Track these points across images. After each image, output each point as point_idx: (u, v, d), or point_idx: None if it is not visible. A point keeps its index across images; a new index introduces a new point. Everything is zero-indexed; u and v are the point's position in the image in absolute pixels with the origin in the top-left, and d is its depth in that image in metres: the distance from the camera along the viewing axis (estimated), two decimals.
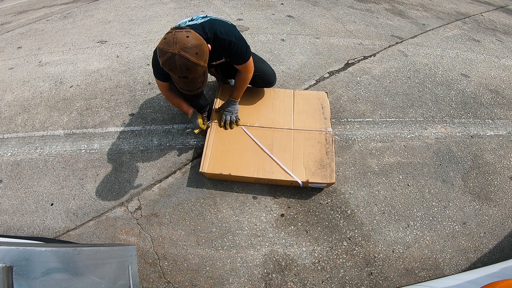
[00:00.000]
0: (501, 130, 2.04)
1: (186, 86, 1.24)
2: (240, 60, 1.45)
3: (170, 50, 1.11)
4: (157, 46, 1.18)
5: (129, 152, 1.86)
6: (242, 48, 1.40)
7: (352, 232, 1.54)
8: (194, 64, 1.14)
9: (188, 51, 1.12)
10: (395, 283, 1.40)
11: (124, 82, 2.32)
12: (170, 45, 1.12)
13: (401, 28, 2.97)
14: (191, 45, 1.12)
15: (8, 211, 1.64)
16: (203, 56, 1.17)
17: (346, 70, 2.40)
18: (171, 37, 1.13)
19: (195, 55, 1.13)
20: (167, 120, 2.02)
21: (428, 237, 1.54)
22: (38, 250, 0.79)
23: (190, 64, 1.13)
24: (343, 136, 1.93)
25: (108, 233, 1.55)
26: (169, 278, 1.41)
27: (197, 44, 1.14)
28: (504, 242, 1.53)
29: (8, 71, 2.55)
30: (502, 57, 2.70)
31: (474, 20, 3.29)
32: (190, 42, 1.13)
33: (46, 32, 3.13)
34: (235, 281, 1.40)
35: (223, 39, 1.33)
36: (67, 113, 2.11)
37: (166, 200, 1.65)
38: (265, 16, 3.08)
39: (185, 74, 1.16)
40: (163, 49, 1.14)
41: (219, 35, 1.32)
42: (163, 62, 1.15)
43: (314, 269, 1.43)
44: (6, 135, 2.01)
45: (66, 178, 1.76)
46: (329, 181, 1.52)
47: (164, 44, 1.14)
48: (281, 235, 1.53)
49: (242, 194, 1.66)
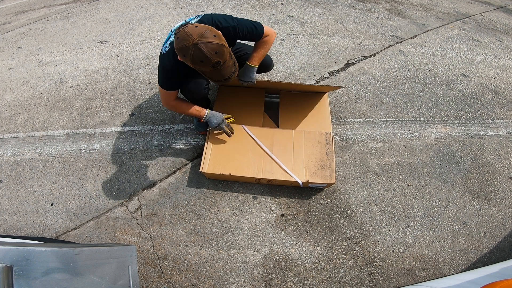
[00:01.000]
0: (501, 130, 2.04)
1: (221, 75, 1.20)
2: (255, 37, 1.42)
3: (190, 43, 1.09)
4: (175, 49, 1.15)
5: (129, 152, 1.86)
6: (248, 27, 1.37)
7: (352, 232, 1.54)
8: (219, 45, 1.12)
9: (207, 36, 1.10)
10: (395, 283, 1.40)
11: (124, 82, 2.32)
12: (187, 39, 1.10)
13: (401, 28, 2.97)
14: (205, 30, 1.11)
15: (8, 211, 1.64)
16: (221, 37, 1.16)
17: (346, 70, 2.40)
18: (182, 33, 1.11)
19: (214, 37, 1.12)
20: (167, 120, 2.02)
21: (428, 237, 1.53)
22: (38, 250, 0.79)
23: (216, 46, 1.11)
24: (343, 136, 1.93)
25: (108, 233, 1.55)
26: (169, 278, 1.41)
27: (209, 28, 1.14)
28: (504, 242, 1.53)
29: (8, 71, 2.55)
30: (502, 57, 2.70)
31: (474, 20, 3.28)
32: (203, 29, 1.12)
33: (46, 32, 3.13)
34: (235, 281, 1.40)
35: (225, 27, 1.32)
36: (67, 113, 2.11)
37: (166, 200, 1.65)
38: (265, 16, 3.08)
39: (217, 59, 1.13)
40: (183, 46, 1.11)
41: (220, 25, 1.32)
42: (192, 57, 1.12)
43: (314, 269, 1.43)
44: (6, 135, 2.01)
45: (66, 178, 1.76)
46: (329, 181, 1.52)
47: (180, 42, 1.12)
48: (281, 235, 1.53)
49: (242, 194, 1.66)
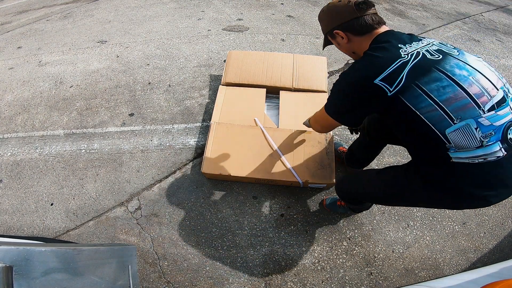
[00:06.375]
0: None
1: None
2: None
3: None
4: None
5: (129, 152, 1.86)
6: (332, 91, 1.00)
7: (352, 232, 1.54)
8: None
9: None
10: (395, 283, 1.40)
11: (124, 82, 2.32)
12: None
13: (401, 28, 2.97)
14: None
15: (8, 211, 1.64)
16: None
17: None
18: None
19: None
20: (167, 120, 2.02)
21: (428, 237, 1.53)
22: (38, 250, 0.79)
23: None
24: (343, 136, 1.93)
25: (108, 233, 1.55)
26: (169, 278, 1.41)
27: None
28: (504, 242, 1.53)
29: (8, 71, 2.55)
30: (502, 57, 2.70)
31: (474, 20, 3.28)
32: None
33: (46, 32, 3.13)
34: (235, 281, 1.40)
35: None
36: (67, 113, 2.11)
37: (166, 200, 1.65)
38: (265, 16, 3.09)
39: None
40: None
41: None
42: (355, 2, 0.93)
43: (314, 269, 1.43)
44: (6, 135, 2.00)
45: (66, 178, 1.76)
46: (329, 181, 1.52)
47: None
48: (281, 235, 1.53)
49: (242, 194, 1.66)
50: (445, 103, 0.77)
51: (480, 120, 0.76)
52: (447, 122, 0.77)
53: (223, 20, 3.04)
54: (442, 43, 0.89)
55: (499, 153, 0.77)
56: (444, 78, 0.78)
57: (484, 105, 0.77)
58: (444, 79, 0.78)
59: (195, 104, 2.12)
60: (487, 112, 0.76)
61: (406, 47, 0.84)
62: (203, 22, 3.03)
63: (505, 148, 0.77)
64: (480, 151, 0.77)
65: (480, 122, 0.76)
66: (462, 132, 0.77)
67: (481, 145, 0.77)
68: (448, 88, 0.77)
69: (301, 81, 1.93)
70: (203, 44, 2.69)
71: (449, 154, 0.79)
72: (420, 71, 0.79)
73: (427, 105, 0.78)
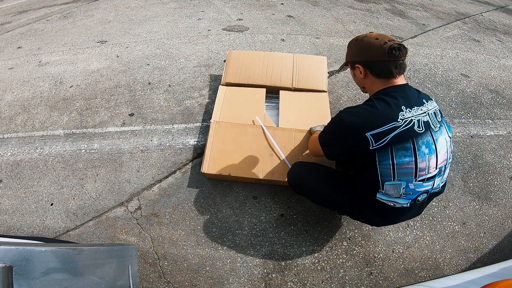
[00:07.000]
0: (501, 130, 2.04)
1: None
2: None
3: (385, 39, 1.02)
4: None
5: (129, 152, 1.86)
6: (329, 124, 1.14)
7: (352, 232, 1.54)
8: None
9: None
10: (395, 283, 1.40)
11: (124, 82, 2.32)
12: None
13: (401, 28, 2.97)
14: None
15: (8, 211, 1.64)
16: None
17: (346, 70, 2.40)
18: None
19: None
20: (167, 120, 2.02)
21: (428, 237, 1.53)
22: (38, 250, 0.79)
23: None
24: None
25: (108, 233, 1.55)
26: (169, 278, 1.41)
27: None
28: (504, 242, 1.53)
29: (8, 71, 2.55)
30: (502, 57, 2.70)
31: (474, 20, 3.29)
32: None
33: (46, 32, 3.13)
34: (235, 281, 1.40)
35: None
36: (67, 113, 2.11)
37: (166, 200, 1.65)
38: (265, 16, 3.09)
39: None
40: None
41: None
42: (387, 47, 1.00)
43: (314, 269, 1.43)
44: (6, 135, 2.00)
45: (66, 178, 1.76)
46: None
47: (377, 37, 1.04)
48: (281, 235, 1.53)
49: (242, 194, 1.66)
50: (398, 166, 0.99)
51: (409, 184, 1.01)
52: (390, 178, 1.01)
53: (223, 20, 3.04)
54: (436, 114, 1.05)
55: (405, 205, 1.07)
56: (410, 150, 0.97)
57: (419, 177, 1.00)
58: (410, 150, 0.97)
59: (195, 104, 2.12)
60: (417, 181, 1.01)
61: (405, 112, 0.98)
62: (203, 22, 3.03)
63: (411, 204, 1.07)
64: (396, 200, 1.05)
65: (409, 185, 1.01)
66: (394, 186, 1.02)
67: (399, 197, 1.04)
68: (407, 158, 0.98)
69: (301, 80, 1.93)
70: (203, 44, 2.69)
71: (377, 194, 1.06)
72: (401, 139, 0.96)
73: (386, 163, 0.99)
